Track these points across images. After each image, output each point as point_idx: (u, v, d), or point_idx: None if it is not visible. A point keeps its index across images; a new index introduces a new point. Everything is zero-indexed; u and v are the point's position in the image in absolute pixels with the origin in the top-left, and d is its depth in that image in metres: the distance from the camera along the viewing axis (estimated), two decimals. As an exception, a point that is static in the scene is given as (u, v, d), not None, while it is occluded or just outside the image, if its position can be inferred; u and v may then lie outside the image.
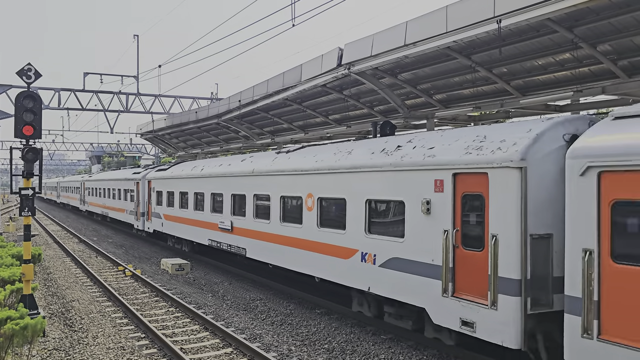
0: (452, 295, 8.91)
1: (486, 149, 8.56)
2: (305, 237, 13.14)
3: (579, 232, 6.91)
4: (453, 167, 8.95)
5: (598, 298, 6.72)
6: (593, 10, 10.13)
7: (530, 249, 7.85)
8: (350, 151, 12.15)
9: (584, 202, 6.88)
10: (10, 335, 9.06)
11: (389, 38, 13.17)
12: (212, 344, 11.04)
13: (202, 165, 21.12)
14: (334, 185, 12.08)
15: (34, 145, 11.86)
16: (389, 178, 10.41)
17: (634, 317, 6.33)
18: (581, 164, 6.89)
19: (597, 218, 6.73)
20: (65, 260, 23.23)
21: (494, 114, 17.49)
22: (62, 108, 29.83)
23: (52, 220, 47.99)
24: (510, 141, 8.29)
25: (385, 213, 10.69)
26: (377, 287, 10.67)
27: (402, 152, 10.35)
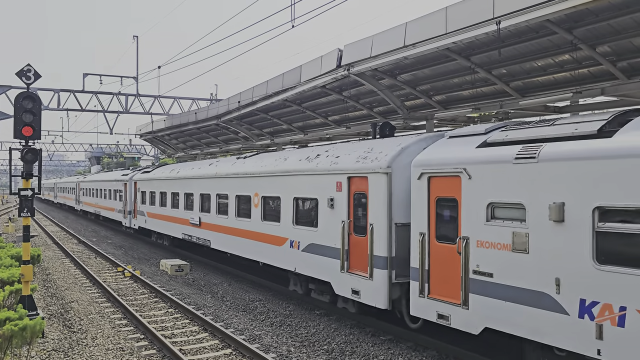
0: (347, 271, 11.52)
1: (369, 158, 11.09)
2: (253, 229, 15.72)
3: (418, 220, 9.64)
4: (348, 172, 11.54)
5: (428, 268, 9.44)
6: (592, 11, 10.14)
7: (394, 234, 10.31)
8: (286, 158, 14.78)
9: (420, 199, 9.62)
10: (9, 336, 9.05)
11: (389, 39, 13.17)
12: (212, 345, 11.04)
13: (178, 168, 23.65)
14: (273, 185, 14.66)
15: (33, 146, 11.86)
16: (309, 180, 12.95)
17: (447, 280, 9.05)
18: (418, 171, 9.63)
19: (427, 210, 9.45)
20: (65, 261, 23.21)
21: (493, 115, 17.50)
22: (62, 109, 29.82)
23: (51, 221, 47.96)
24: (384, 153, 10.80)
25: (306, 208, 13.18)
26: (301, 268, 13.26)
27: (318, 160, 12.92)
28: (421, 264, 9.50)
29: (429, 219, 9.42)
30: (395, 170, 10.44)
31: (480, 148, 8.79)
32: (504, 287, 8.08)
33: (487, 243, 8.34)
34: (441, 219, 9.26)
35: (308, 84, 17.08)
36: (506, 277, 8.04)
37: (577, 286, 7.11)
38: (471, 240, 8.60)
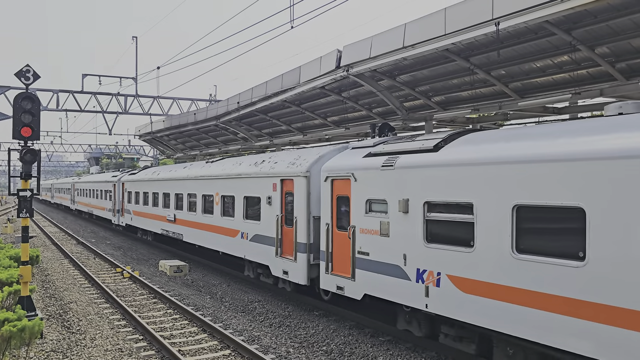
0: (280, 255, 14.08)
1: (295, 164, 13.71)
2: (215, 223, 18.47)
3: (325, 213, 12.23)
4: (281, 175, 14.11)
5: (331, 250, 12.01)
6: (591, 12, 10.15)
7: (312, 225, 12.97)
8: (240, 163, 17.34)
9: (326, 197, 12.20)
10: (7, 337, 9.04)
11: (388, 40, 13.18)
12: (210, 346, 11.03)
13: (159, 171, 26.41)
14: (229, 186, 17.29)
15: (32, 146, 11.85)
16: (254, 182, 15.56)
17: (343, 260, 11.63)
18: (325, 175, 12.26)
19: (330, 205, 12.05)
20: (63, 262, 23.20)
21: (492, 116, 17.52)
22: (61, 109, 29.81)
23: (50, 221, 47.93)
24: (306, 160, 13.45)
25: (253, 205, 15.80)
26: (249, 255, 15.85)
27: (262, 165, 15.54)
28: (327, 247, 12.16)
29: (332, 212, 12.07)
30: (312, 174, 13.07)
31: (365, 158, 11.31)
32: (376, 263, 10.68)
33: (366, 230, 10.98)
34: (340, 212, 11.90)
35: (307, 85, 17.09)
36: (377, 255, 10.66)
37: (415, 259, 9.72)
38: (357, 228, 11.21)
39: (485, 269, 8.39)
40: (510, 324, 7.97)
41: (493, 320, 8.25)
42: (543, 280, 7.46)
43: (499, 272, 8.18)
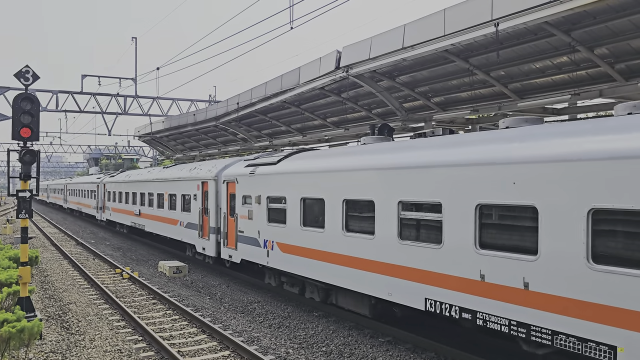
0: (201, 237, 19.71)
1: (210, 171, 19.30)
2: (165, 215, 24.18)
3: (223, 205, 17.58)
4: (202, 179, 19.79)
5: (226, 231, 17.31)
6: (590, 13, 10.16)
7: (218, 214, 18.26)
8: (182, 169, 23.24)
9: (224, 194, 17.54)
10: (7, 338, 9.03)
11: (387, 41, 13.19)
12: (210, 347, 11.02)
13: (130, 174, 32.95)
14: (174, 187, 22.99)
15: (32, 147, 11.84)
16: (188, 183, 21.17)
17: (231, 237, 16.82)
18: (223, 179, 17.59)
19: (226, 200, 17.37)
20: (63, 262, 23.18)
21: (492, 117, 17.53)
22: (60, 110, 29.81)
23: (49, 222, 47.90)
24: (216, 168, 19.09)
25: (187, 201, 21.30)
26: (184, 238, 21.57)
27: (193, 171, 21.18)
28: (223, 229, 17.68)
29: (227, 204, 17.46)
30: (219, 178, 18.37)
31: (244, 167, 16.34)
32: (246, 237, 15.85)
33: (242, 216, 16.13)
34: (231, 204, 17.17)
35: (307, 86, 17.09)
36: (247, 232, 15.81)
37: (263, 233, 14.85)
38: (238, 215, 16.37)
39: (292, 236, 13.48)
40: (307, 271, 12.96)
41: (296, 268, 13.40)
42: (319, 241, 12.42)
43: (298, 237, 13.27)
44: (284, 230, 13.76)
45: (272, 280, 15.35)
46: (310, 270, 12.70)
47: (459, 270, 8.75)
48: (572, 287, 7.12)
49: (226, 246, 17.40)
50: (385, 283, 10.36)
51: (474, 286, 8.47)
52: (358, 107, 18.64)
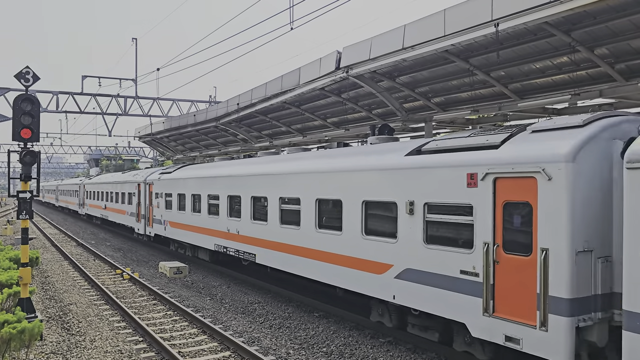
0: (137, 222, 28.35)
1: (140, 176, 28.65)
2: (118, 208, 32.45)
3: (146, 199, 26.56)
4: (138, 181, 27.82)
5: (149, 217, 26.22)
6: (590, 14, 10.16)
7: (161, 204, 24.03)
8: (129, 175, 31.42)
9: (147, 191, 26.32)
10: (7, 339, 9.04)
11: (387, 41, 13.19)
12: (210, 347, 11.02)
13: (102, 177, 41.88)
14: (123, 187, 31.13)
15: (32, 148, 11.85)
16: (131, 185, 29.06)
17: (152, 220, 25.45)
18: (147, 182, 26.41)
19: (148, 195, 26.58)
20: (63, 263, 23.18)
21: (492, 117, 17.53)
22: (60, 111, 29.82)
23: (49, 223, 47.90)
24: (146, 173, 28.14)
25: (130, 197, 29.22)
26: (129, 223, 29.83)
27: (135, 176, 28.97)
28: (147, 215, 25.76)
29: (149, 199, 25.27)
30: (146, 181, 26.50)
31: (159, 174, 23.89)
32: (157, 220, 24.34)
33: (155, 206, 24.71)
34: (151, 198, 24.68)
35: (307, 86, 17.09)
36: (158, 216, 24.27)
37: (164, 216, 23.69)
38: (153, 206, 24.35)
39: (175, 217, 21.86)
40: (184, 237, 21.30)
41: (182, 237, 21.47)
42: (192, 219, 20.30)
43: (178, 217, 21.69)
44: (171, 213, 22.86)
45: (173, 246, 24.67)
46: (185, 237, 21.47)
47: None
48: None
49: (149, 226, 26.35)
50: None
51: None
52: (358, 108, 18.65)
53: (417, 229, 9.72)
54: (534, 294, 7.70)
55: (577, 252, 7.34)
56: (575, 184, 7.38)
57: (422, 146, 10.26)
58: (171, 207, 22.59)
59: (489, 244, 8.34)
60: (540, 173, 7.64)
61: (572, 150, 7.41)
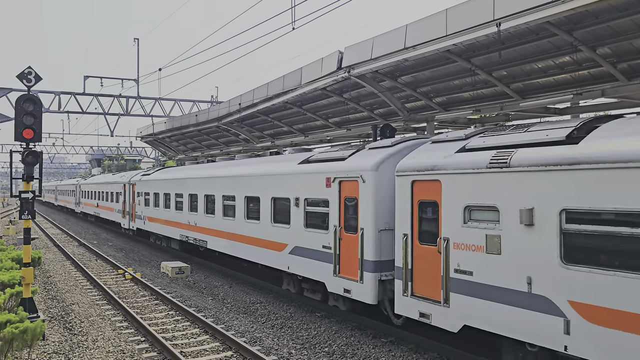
0: (123, 217, 32.22)
1: (125, 177, 32.64)
2: (109, 206, 36.21)
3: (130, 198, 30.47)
4: (123, 182, 31.91)
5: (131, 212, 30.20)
6: (592, 13, 10.14)
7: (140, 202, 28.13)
8: (117, 176, 36.17)
9: (131, 191, 30.07)
10: (10, 339, 9.05)
11: (389, 41, 13.18)
12: (212, 347, 11.03)
13: (95, 178, 46.74)
14: (112, 187, 35.22)
15: (34, 148, 11.86)
16: (118, 185, 33.23)
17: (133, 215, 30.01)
18: (131, 182, 30.12)
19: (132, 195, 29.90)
20: (65, 263, 23.21)
21: (494, 117, 17.50)
22: (63, 111, 29.85)
23: (51, 223, 47.97)
24: (130, 175, 32.55)
25: (117, 196, 33.37)
26: (116, 219, 33.84)
27: (122, 178, 33.30)
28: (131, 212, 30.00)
29: (132, 197, 29.16)
30: (130, 182, 30.04)
31: (140, 176, 28.04)
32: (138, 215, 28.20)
33: (137, 204, 28.38)
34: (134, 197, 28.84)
35: (309, 86, 17.08)
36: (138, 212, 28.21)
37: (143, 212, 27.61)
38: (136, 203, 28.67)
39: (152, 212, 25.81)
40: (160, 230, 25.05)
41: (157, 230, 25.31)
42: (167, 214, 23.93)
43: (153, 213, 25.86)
44: (149, 209, 26.40)
45: (152, 239, 27.92)
46: (159, 229, 24.91)
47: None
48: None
49: (132, 221, 29.80)
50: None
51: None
52: (360, 108, 18.63)
53: (301, 217, 13.29)
54: (357, 259, 11.24)
55: (379, 230, 10.87)
56: (377, 185, 10.90)
57: (310, 157, 13.74)
58: (149, 204, 26.43)
59: (337, 227, 11.93)
60: (360, 178, 11.21)
61: (376, 163, 11.02)
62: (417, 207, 9.78)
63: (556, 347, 7.35)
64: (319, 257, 12.46)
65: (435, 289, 9.30)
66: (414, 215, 9.86)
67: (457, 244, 8.90)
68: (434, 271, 9.36)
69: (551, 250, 7.45)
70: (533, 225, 7.73)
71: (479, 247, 8.55)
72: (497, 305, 8.19)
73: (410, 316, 9.86)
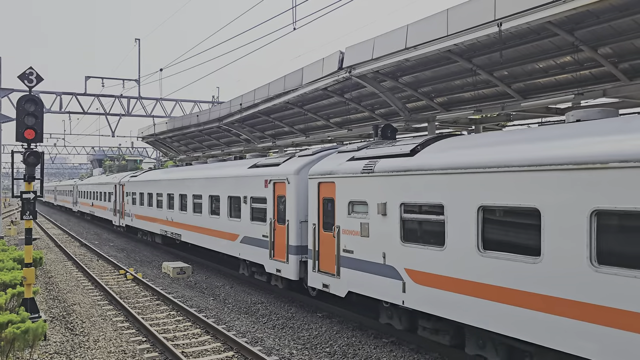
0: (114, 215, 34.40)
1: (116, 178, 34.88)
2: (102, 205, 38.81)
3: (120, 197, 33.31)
4: (114, 183, 34.36)
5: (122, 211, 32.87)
6: (593, 13, 10.14)
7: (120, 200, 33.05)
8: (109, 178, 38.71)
9: (121, 192, 32.57)
10: (11, 339, 9.06)
11: (390, 41, 13.18)
12: (214, 348, 11.03)
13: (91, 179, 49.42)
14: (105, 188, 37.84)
15: (36, 148, 11.87)
16: (110, 186, 35.63)
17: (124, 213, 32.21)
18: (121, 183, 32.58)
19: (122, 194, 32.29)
20: (67, 263, 23.23)
21: (495, 117, 17.49)
22: (64, 112, 29.90)
23: (53, 223, 48.02)
24: (120, 176, 35.08)
25: (110, 195, 35.52)
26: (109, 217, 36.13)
27: (115, 179, 35.07)
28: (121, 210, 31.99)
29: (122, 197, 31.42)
30: (120, 182, 32.15)
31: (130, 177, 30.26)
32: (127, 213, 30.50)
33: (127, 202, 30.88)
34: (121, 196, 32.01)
35: (310, 86, 17.09)
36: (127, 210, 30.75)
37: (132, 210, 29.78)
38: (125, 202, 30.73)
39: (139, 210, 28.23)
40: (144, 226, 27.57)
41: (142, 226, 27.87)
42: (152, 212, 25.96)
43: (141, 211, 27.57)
44: (136, 207, 28.65)
45: (139, 234, 30.10)
46: (144, 225, 27.34)
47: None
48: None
49: (122, 218, 32.00)
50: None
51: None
52: (361, 108, 18.63)
53: (248, 212, 16.09)
54: (285, 245, 14.00)
55: (300, 222, 13.59)
56: (298, 186, 13.62)
57: (257, 162, 16.48)
58: (135, 203, 29.00)
59: (272, 219, 14.68)
60: (286, 180, 13.94)
61: (298, 168, 13.76)
62: (322, 203, 12.54)
63: (398, 302, 10.14)
64: (260, 244, 15.38)
65: (332, 265, 12.12)
66: (319, 209, 12.58)
67: (345, 230, 11.66)
68: (331, 252, 12.17)
69: (396, 233, 10.11)
70: (386, 215, 10.38)
71: (356, 232, 11.30)
72: (367, 274, 10.96)
73: (316, 287, 12.74)
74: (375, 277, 10.66)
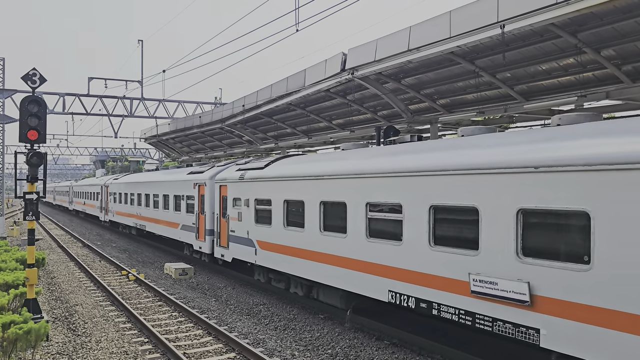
0: (100, 212, 40.88)
1: (103, 180, 40.77)
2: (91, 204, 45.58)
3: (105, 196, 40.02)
4: (100, 184, 40.76)
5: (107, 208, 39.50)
6: (597, 15, 10.12)
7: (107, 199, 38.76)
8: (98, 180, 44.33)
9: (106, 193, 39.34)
10: (14, 339, 9.07)
11: (393, 43, 13.18)
12: (215, 349, 11.03)
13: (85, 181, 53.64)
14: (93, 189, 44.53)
15: (39, 149, 11.90)
16: (97, 187, 42.29)
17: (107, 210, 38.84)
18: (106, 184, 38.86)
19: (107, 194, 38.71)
20: (69, 264, 23.27)
21: (498, 119, 17.47)
22: (67, 113, 29.94)
23: (56, 224, 48.10)
24: (106, 178, 41.73)
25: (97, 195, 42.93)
26: (97, 213, 42.82)
27: (102, 180, 41.42)
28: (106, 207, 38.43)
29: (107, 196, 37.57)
30: (105, 184, 38.46)
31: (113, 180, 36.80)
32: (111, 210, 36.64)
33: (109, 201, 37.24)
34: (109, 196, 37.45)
35: (312, 88, 17.09)
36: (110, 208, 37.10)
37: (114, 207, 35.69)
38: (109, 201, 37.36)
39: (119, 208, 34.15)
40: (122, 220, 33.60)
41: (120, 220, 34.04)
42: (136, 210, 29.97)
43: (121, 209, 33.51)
44: (117, 205, 33.89)
45: (120, 228, 35.58)
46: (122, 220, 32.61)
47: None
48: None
49: (106, 215, 37.64)
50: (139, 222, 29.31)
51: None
52: (364, 109, 18.63)
53: (184, 207, 21.83)
54: (204, 229, 19.68)
55: (213, 213, 19.08)
56: (211, 188, 19.42)
57: (192, 170, 22.06)
58: (116, 201, 34.62)
59: (197, 211, 20.33)
60: (204, 183, 19.74)
61: (211, 175, 19.63)
62: (221, 199, 18.20)
63: (253, 261, 15.60)
64: (191, 230, 21.12)
65: (225, 241, 17.75)
66: (220, 204, 18.33)
67: (231, 217, 17.19)
68: (225, 232, 17.74)
69: (252, 217, 15.66)
70: (249, 206, 15.86)
71: (236, 218, 16.83)
72: (241, 245, 16.43)
73: (218, 257, 18.58)
74: (244, 247, 16.24)
